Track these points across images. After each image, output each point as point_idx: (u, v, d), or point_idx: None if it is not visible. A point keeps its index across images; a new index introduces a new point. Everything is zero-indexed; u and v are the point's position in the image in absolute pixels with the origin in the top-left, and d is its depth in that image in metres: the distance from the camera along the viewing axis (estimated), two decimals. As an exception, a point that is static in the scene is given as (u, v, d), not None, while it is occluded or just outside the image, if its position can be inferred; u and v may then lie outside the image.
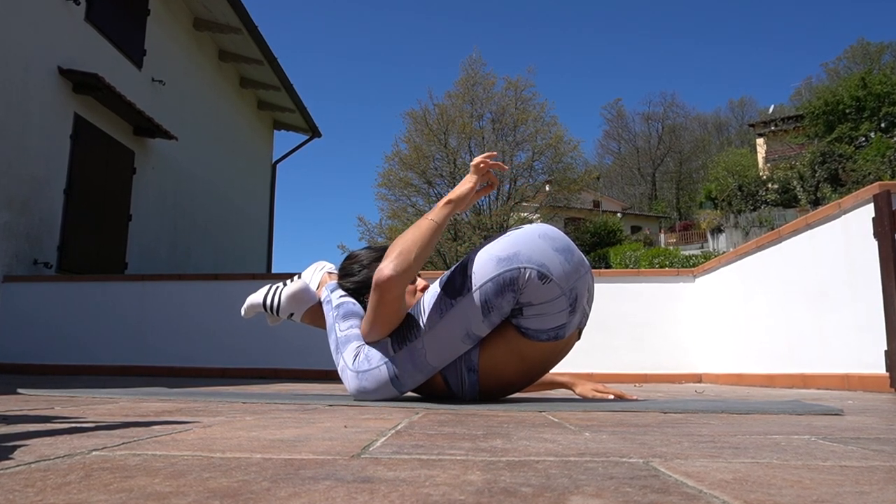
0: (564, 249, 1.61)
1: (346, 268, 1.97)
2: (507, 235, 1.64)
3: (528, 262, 1.55)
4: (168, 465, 0.68)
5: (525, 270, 1.55)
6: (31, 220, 6.12)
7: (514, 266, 1.55)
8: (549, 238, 1.61)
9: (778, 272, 3.93)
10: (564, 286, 1.57)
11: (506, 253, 1.58)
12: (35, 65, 6.18)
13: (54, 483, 0.58)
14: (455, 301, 1.59)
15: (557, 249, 1.59)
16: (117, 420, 1.22)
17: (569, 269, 1.58)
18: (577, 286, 1.61)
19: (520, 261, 1.56)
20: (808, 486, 0.60)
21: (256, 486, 0.58)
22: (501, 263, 1.56)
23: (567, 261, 1.59)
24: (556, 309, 1.58)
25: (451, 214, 1.76)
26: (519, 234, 1.62)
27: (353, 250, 2.04)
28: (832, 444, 0.93)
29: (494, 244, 1.63)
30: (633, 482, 0.61)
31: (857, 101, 27.53)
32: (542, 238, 1.60)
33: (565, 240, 1.64)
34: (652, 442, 0.93)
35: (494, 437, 0.97)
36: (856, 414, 1.56)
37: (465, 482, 0.60)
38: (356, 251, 2.03)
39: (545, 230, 1.64)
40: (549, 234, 1.62)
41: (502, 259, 1.57)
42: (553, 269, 1.56)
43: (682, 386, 4.21)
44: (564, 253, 1.60)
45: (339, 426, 1.12)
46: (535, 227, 1.65)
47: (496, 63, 71.90)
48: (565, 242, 1.63)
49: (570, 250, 1.62)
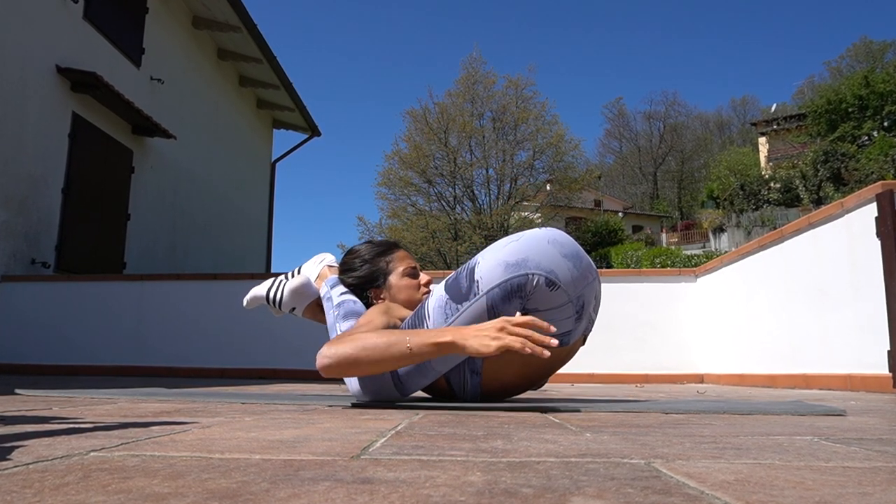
0: (573, 255, 1.59)
1: (347, 263, 1.96)
2: (516, 239, 1.62)
3: (536, 269, 1.54)
4: (167, 466, 0.68)
5: (533, 277, 1.53)
6: (28, 220, 6.12)
7: (522, 272, 1.53)
8: (558, 244, 1.59)
9: (780, 272, 3.93)
10: (572, 293, 1.56)
11: (514, 258, 1.56)
12: (33, 63, 6.18)
13: (52, 484, 0.58)
14: (461, 306, 1.58)
15: (566, 255, 1.57)
16: (116, 421, 1.22)
17: (577, 276, 1.57)
18: (585, 293, 1.60)
19: (528, 267, 1.54)
20: (811, 487, 0.60)
21: (255, 486, 0.58)
22: (510, 269, 1.54)
23: (575, 267, 1.57)
24: (562, 315, 1.57)
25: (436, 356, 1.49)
26: (528, 239, 1.60)
27: (354, 245, 2.04)
28: (835, 444, 0.93)
29: (502, 248, 1.60)
30: (634, 483, 0.61)
31: (859, 100, 27.52)
32: (552, 244, 1.58)
33: (574, 245, 1.62)
34: (653, 443, 0.93)
35: (495, 438, 0.97)
36: (858, 414, 1.56)
37: (465, 483, 0.60)
38: (357, 246, 2.02)
39: (554, 235, 1.62)
40: (559, 240, 1.60)
41: (510, 264, 1.55)
42: (561, 276, 1.55)
43: (683, 386, 4.21)
44: (573, 259, 1.58)
45: (339, 427, 1.12)
46: (545, 233, 1.62)
47: (497, 61, 71.89)
48: (574, 248, 1.61)
49: (578, 256, 1.60)
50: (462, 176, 23.09)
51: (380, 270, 1.90)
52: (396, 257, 1.93)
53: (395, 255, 1.93)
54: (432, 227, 22.39)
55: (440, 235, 22.52)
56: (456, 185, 23.31)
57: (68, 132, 6.65)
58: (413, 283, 1.89)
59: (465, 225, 22.60)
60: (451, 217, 23.13)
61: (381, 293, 1.89)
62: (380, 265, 1.91)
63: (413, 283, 1.89)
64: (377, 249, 1.95)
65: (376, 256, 1.92)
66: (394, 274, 1.89)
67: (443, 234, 22.59)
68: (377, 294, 1.89)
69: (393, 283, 1.88)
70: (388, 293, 1.88)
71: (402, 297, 1.87)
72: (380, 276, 1.90)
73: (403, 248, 2.00)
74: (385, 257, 1.92)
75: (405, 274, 1.89)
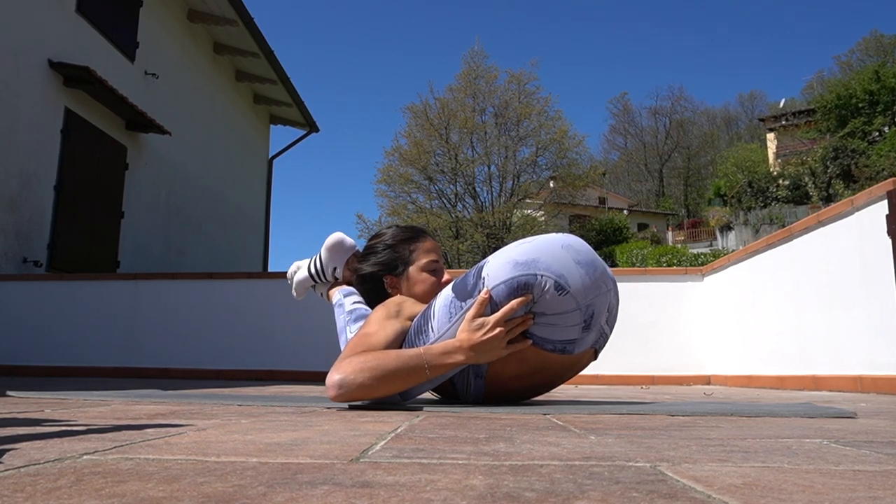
0: (587, 263, 1.57)
1: (371, 246, 1.94)
2: (529, 241, 1.60)
3: (546, 271, 1.52)
4: (161, 470, 0.68)
5: (542, 278, 1.51)
6: (20, 218, 6.12)
7: (530, 272, 1.52)
8: (572, 249, 1.57)
9: (789, 271, 3.93)
10: (581, 301, 1.54)
11: (524, 258, 1.54)
12: (24, 58, 6.18)
13: (44, 488, 0.58)
14: (465, 304, 1.56)
15: (580, 262, 1.55)
16: (109, 423, 1.22)
17: (588, 284, 1.54)
18: (596, 303, 1.57)
19: (538, 268, 1.52)
20: (820, 491, 0.60)
21: (252, 490, 0.58)
22: (518, 267, 1.53)
23: (588, 275, 1.55)
24: (568, 322, 1.55)
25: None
26: (541, 242, 1.58)
27: (381, 228, 2.04)
28: (845, 447, 0.93)
29: (514, 248, 1.59)
30: (639, 487, 0.61)
31: (870, 95, 27.48)
32: (565, 248, 1.57)
33: (590, 253, 1.60)
34: (659, 445, 0.93)
35: (497, 441, 0.96)
36: (869, 417, 1.56)
37: (467, 487, 0.60)
38: (383, 228, 2.01)
39: (570, 241, 1.60)
40: (574, 246, 1.58)
41: (519, 263, 1.53)
42: (572, 282, 1.52)
43: (690, 388, 4.21)
44: (586, 267, 1.56)
45: (338, 429, 1.12)
46: (560, 237, 1.61)
47: (499, 56, 72.06)
48: (590, 256, 1.59)
49: (593, 265, 1.58)
50: (463, 173, 23.09)
51: (400, 258, 1.87)
52: (422, 248, 1.89)
53: (420, 245, 1.90)
54: (433, 226, 22.37)
55: (441, 234, 22.51)
56: (457, 182, 23.32)
57: (61, 128, 6.65)
58: (431, 280, 1.85)
59: (467, 223, 22.59)
60: (453, 215, 23.13)
61: (398, 282, 1.86)
62: (402, 252, 1.88)
63: (431, 280, 1.85)
64: (403, 235, 1.92)
65: (401, 242, 1.89)
66: (414, 266, 1.86)
67: (444, 232, 22.59)
68: (392, 283, 1.86)
69: (411, 275, 1.85)
70: (405, 284, 1.85)
71: (417, 291, 1.84)
72: (399, 263, 1.87)
73: (432, 238, 1.96)
74: (410, 245, 1.89)
75: (425, 269, 1.86)
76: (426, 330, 1.60)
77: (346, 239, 2.13)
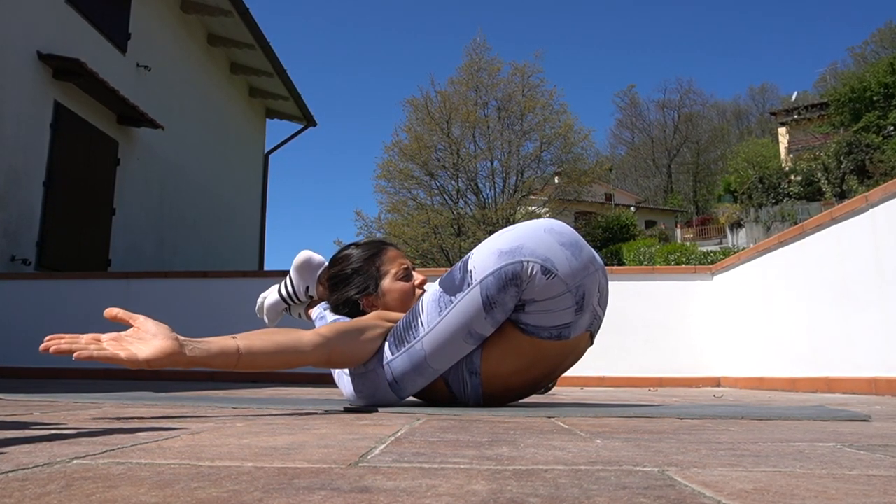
0: (571, 245, 1.60)
1: (337, 274, 1.91)
2: (511, 229, 1.64)
3: (531, 256, 1.55)
4: (154, 475, 0.68)
5: (528, 264, 1.54)
6: (8, 215, 6.13)
7: (516, 259, 1.55)
8: (555, 232, 1.60)
9: (801, 269, 3.92)
10: (570, 283, 1.57)
11: (508, 246, 1.57)
12: (12, 49, 6.18)
13: (33, 493, 0.58)
14: (455, 298, 1.58)
15: (564, 244, 1.59)
16: (100, 426, 1.22)
17: (576, 266, 1.58)
18: (586, 283, 1.60)
19: (523, 254, 1.55)
20: (834, 496, 0.60)
21: (248, 496, 0.58)
22: (503, 257, 1.56)
23: (574, 256, 1.58)
24: (560, 306, 1.58)
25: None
26: (523, 228, 1.62)
27: (338, 253, 1.96)
28: (859, 451, 0.93)
29: (497, 238, 1.62)
30: (647, 492, 0.61)
31: (885, 88, 27.41)
32: (548, 232, 1.60)
33: (573, 235, 1.63)
34: (667, 449, 0.93)
35: (500, 445, 0.97)
36: (884, 420, 1.55)
37: (469, 492, 0.60)
38: (342, 252, 1.96)
39: (551, 224, 1.63)
40: (556, 229, 1.62)
41: (504, 252, 1.56)
42: (558, 264, 1.56)
43: (699, 390, 4.21)
44: (571, 248, 1.59)
45: (336, 433, 1.12)
46: (541, 222, 1.64)
47: (502, 47, 71.81)
48: (573, 238, 1.62)
49: (578, 246, 1.61)
50: (465, 168, 23.07)
51: (370, 277, 1.86)
52: (387, 259, 1.89)
53: (385, 257, 1.89)
54: (434, 222, 22.36)
55: (442, 231, 22.49)
56: (459, 177, 23.29)
57: (50, 122, 6.66)
58: (407, 286, 1.86)
59: (469, 220, 22.57)
60: (454, 211, 23.11)
61: (374, 300, 1.86)
62: (370, 271, 1.87)
63: (407, 286, 1.86)
64: (366, 253, 1.91)
65: (366, 262, 1.88)
66: (386, 278, 1.86)
67: (445, 229, 22.58)
68: (369, 303, 1.86)
69: (385, 288, 1.85)
70: (382, 300, 1.85)
71: (395, 302, 1.84)
72: (370, 283, 1.86)
73: (393, 247, 1.96)
74: (375, 262, 1.88)
75: (398, 277, 1.86)
76: (416, 325, 1.62)
77: (314, 256, 2.14)
